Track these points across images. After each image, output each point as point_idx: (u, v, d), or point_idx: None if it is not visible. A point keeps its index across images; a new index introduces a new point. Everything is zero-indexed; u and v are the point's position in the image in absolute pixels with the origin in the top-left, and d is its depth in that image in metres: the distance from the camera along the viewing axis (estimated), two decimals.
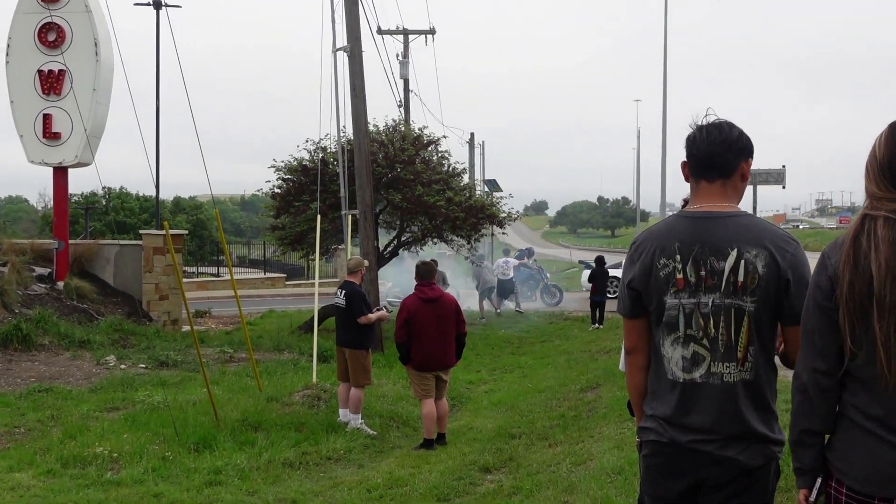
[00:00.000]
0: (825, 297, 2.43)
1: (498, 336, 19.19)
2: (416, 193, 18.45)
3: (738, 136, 2.88)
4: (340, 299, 9.84)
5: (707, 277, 2.81)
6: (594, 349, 15.70)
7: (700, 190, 2.91)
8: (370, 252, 15.70)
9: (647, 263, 2.89)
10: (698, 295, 2.81)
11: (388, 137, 19.48)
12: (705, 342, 2.81)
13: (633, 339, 2.98)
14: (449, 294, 8.97)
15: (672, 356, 2.86)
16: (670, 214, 3.03)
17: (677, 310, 2.84)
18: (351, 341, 9.75)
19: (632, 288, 2.93)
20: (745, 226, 2.82)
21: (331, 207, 18.22)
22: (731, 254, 2.79)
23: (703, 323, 2.81)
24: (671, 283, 2.84)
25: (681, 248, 2.84)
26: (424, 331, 8.59)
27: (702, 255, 2.81)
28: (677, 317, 2.84)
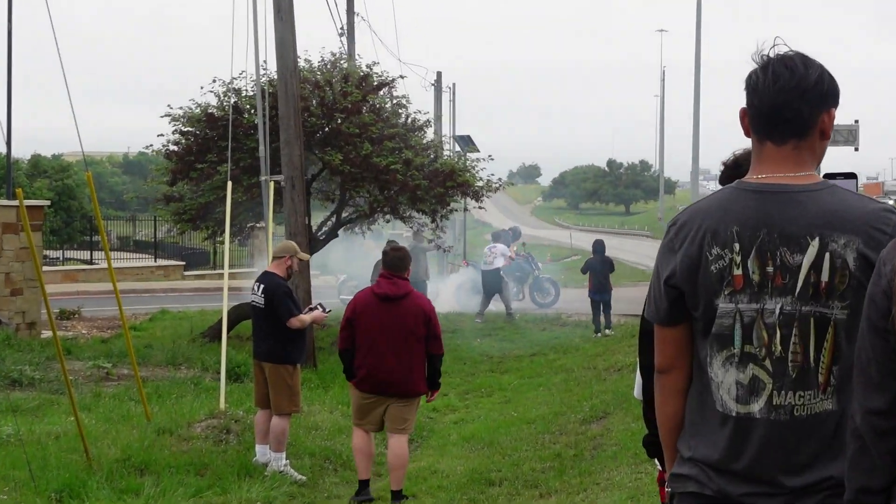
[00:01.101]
0: (881, 315, 2.44)
1: (472, 348, 19.28)
2: (362, 153, 18.42)
3: (819, 77, 2.85)
4: (258, 296, 9.81)
5: (776, 275, 2.80)
6: (601, 365, 15.81)
7: (765, 153, 2.89)
8: (299, 232, 15.68)
9: (693, 253, 2.87)
10: (763, 299, 2.81)
11: (325, 77, 19.42)
12: (768, 363, 2.81)
13: (670, 353, 2.99)
14: (420, 296, 8.94)
15: (723, 380, 2.87)
16: (723, 188, 3.00)
17: (733, 318, 2.84)
18: (273, 353, 9.74)
19: (671, 286, 2.92)
20: (830, 203, 2.80)
21: (246, 171, 18.17)
22: (811, 244, 2.78)
23: (768, 337, 2.80)
24: (726, 281, 2.84)
25: (740, 233, 2.83)
26: (373, 338, 8.59)
27: (770, 244, 2.81)
28: (732, 327, 2.84)
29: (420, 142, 20.51)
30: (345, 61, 20.92)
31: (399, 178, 18.70)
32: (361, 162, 18.51)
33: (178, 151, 19.32)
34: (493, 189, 21.99)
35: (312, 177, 19.60)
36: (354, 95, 18.79)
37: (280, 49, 15.75)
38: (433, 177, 19.71)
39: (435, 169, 19.93)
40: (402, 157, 18.95)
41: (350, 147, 18.54)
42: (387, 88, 20.63)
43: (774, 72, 2.83)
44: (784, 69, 2.82)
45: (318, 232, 20.32)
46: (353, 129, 18.61)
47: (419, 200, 19.73)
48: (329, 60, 20.47)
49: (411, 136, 20.27)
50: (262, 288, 9.80)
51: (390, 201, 19.60)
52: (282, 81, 15.80)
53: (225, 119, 17.70)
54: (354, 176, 18.75)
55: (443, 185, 19.83)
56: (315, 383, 14.52)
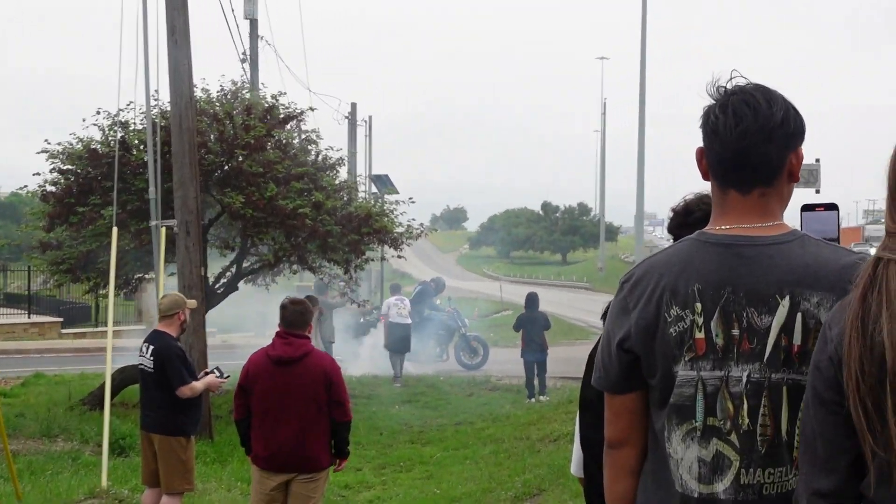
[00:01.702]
0: (828, 385, 2.46)
1: (389, 416, 19.22)
2: (266, 195, 18.33)
3: (784, 115, 2.85)
4: (147, 359, 9.77)
5: (743, 339, 2.79)
6: (535, 435, 15.84)
7: (728, 202, 2.89)
8: (194, 284, 15.55)
9: (649, 314, 2.87)
10: (727, 365, 2.80)
11: (224, 109, 19.35)
12: (734, 438, 2.79)
13: (622, 426, 2.98)
14: (322, 355, 8.83)
15: (683, 457, 2.85)
16: (683, 240, 2.99)
17: (694, 387, 2.83)
18: (163, 424, 9.69)
19: (625, 350, 2.91)
20: (802, 256, 2.79)
21: (134, 215, 18.02)
22: (780, 303, 2.77)
23: (734, 408, 2.79)
24: (686, 345, 2.83)
25: (702, 292, 2.82)
26: (269, 406, 8.48)
27: (735, 304, 2.80)
28: (693, 397, 2.83)
29: (332, 182, 20.49)
30: (247, 91, 20.92)
31: (308, 222, 18.61)
32: (265, 205, 18.39)
33: (56, 193, 19.03)
34: (414, 236, 22.01)
35: (210, 221, 19.45)
36: (258, 130, 18.72)
37: (174, 76, 15.65)
38: (346, 222, 19.69)
39: (348, 213, 19.91)
40: (312, 199, 18.88)
41: (253, 188, 18.43)
42: (295, 122, 20.60)
43: (736, 112, 2.83)
44: (746, 109, 2.83)
45: (216, 284, 20.14)
46: (257, 167, 18.52)
47: (330, 248, 19.66)
48: (229, 90, 20.42)
49: (322, 175, 20.25)
50: (152, 349, 9.74)
51: (298, 249, 19.51)
52: (175, 113, 15.71)
53: (111, 156, 17.55)
54: (257, 220, 18.61)
55: (357, 231, 19.81)
56: (211, 457, 14.40)
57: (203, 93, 19.58)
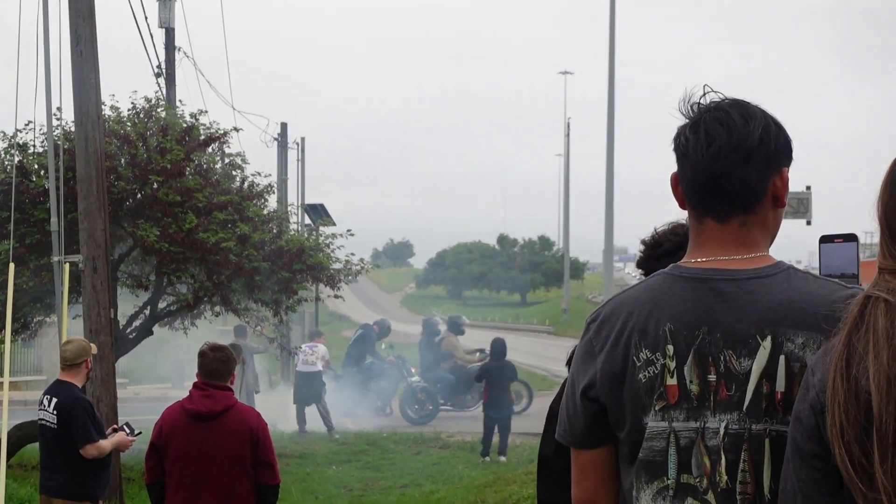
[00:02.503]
0: (807, 436, 2.49)
1: (325, 477, 19.18)
2: (184, 227, 18.25)
3: (763, 132, 2.84)
4: (49, 413, 9.72)
5: (720, 386, 2.78)
6: (491, 500, 15.84)
7: (705, 233, 2.90)
8: (102, 329, 15.39)
9: (617, 358, 2.86)
10: (703, 416, 2.80)
11: (137, 129, 19.27)
12: (711, 497, 2.78)
13: (589, 485, 2.98)
14: (246, 409, 8.76)
15: None
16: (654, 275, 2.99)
17: (665, 440, 2.82)
18: (67, 488, 9.66)
19: (590, 399, 2.91)
20: (786, 292, 2.78)
21: (33, 250, 17.89)
22: (761, 345, 2.76)
23: (710, 464, 2.78)
24: (657, 393, 2.83)
25: (675, 333, 2.82)
26: (185, 469, 8.38)
27: (711, 346, 2.79)
28: (665, 452, 2.82)
29: (260, 212, 20.40)
30: (163, 109, 20.78)
31: (232, 258, 18.54)
32: (184, 238, 18.32)
33: None
34: (354, 273, 21.99)
35: (120, 257, 19.32)
36: (175, 153, 18.67)
37: (78, 92, 15.49)
38: (276, 257, 19.65)
39: (279, 247, 19.88)
40: (237, 231, 18.86)
41: (169, 219, 18.36)
42: (217, 144, 20.51)
43: (708, 132, 2.82)
44: (718, 127, 2.82)
45: (128, 328, 19.97)
46: (174, 195, 18.45)
47: (258, 287, 19.59)
48: (143, 108, 20.27)
49: (248, 205, 20.14)
50: (55, 402, 9.69)
51: (220, 288, 19.37)
52: (81, 134, 15.54)
53: (6, 182, 17.49)
54: (174, 256, 18.53)
55: (289, 267, 19.78)
56: None
57: (112, 111, 19.46)
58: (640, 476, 2.84)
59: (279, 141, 42.27)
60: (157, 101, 21.16)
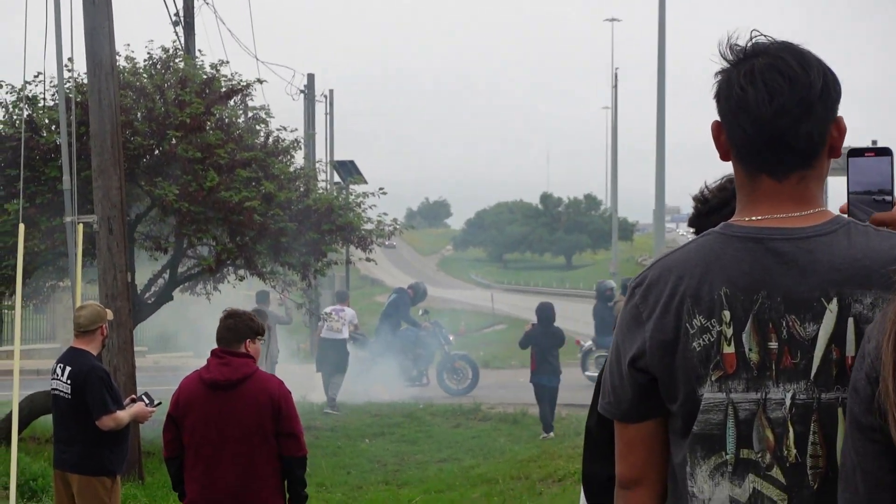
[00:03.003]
0: (864, 408, 2.51)
1: (358, 451, 19.25)
2: (205, 185, 18.33)
3: (824, 82, 2.83)
4: (63, 383, 9.75)
5: (783, 353, 2.78)
6: (535, 475, 15.92)
7: (760, 190, 2.89)
8: (118, 294, 15.51)
9: (668, 325, 2.86)
10: (765, 386, 2.79)
11: (154, 81, 19.29)
12: (777, 473, 2.78)
13: (636, 461, 2.99)
14: (267, 377, 8.79)
15: (711, 498, 2.84)
16: (703, 235, 2.98)
17: (723, 412, 2.82)
18: (82, 462, 9.72)
19: (639, 369, 2.92)
20: (848, 249, 2.78)
21: (45, 210, 17.98)
22: (827, 308, 2.76)
23: (775, 438, 2.78)
24: (713, 362, 2.82)
25: (731, 297, 2.81)
26: (203, 441, 8.44)
27: (772, 311, 2.79)
28: (723, 425, 2.82)
29: (286, 170, 20.52)
30: (181, 60, 20.82)
31: (257, 218, 18.63)
32: (205, 197, 18.42)
33: None
34: (387, 234, 22.09)
35: (137, 217, 19.40)
36: (194, 106, 18.73)
37: (91, 41, 15.60)
38: (304, 217, 19.77)
39: (306, 207, 19.99)
40: (261, 190, 18.94)
41: (189, 177, 18.44)
42: (239, 97, 20.68)
43: (767, 84, 2.82)
44: (779, 78, 2.81)
45: (146, 293, 20.06)
46: (194, 152, 18.52)
47: (284, 250, 19.74)
48: (160, 59, 20.36)
49: (274, 161, 20.27)
50: (69, 372, 9.73)
51: (244, 251, 19.48)
52: (94, 87, 15.65)
53: (15, 139, 17.51)
54: (195, 216, 18.62)
55: (317, 228, 19.90)
56: (142, 502, 14.33)
57: (128, 62, 19.49)
58: (696, 451, 2.85)
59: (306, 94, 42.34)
60: (174, 51, 21.27)
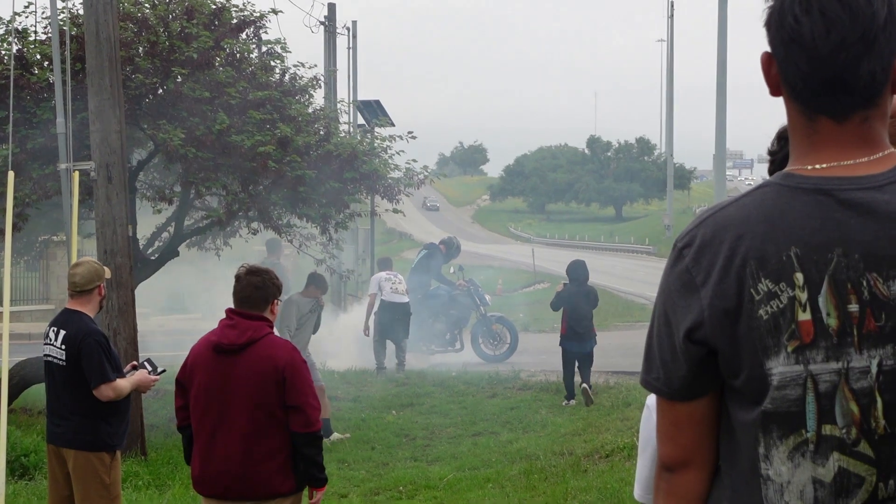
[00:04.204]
0: None
1: (383, 424, 19.30)
2: (215, 129, 18.28)
3: (888, 10, 2.76)
4: (57, 348, 9.79)
5: (866, 316, 2.74)
6: (580, 450, 15.87)
7: (820, 133, 2.84)
8: (119, 249, 15.50)
9: (728, 290, 2.83)
10: (846, 353, 2.75)
11: (157, 11, 19.28)
12: (866, 447, 2.75)
13: (686, 442, 2.99)
14: (275, 342, 8.60)
15: (790, 480, 2.81)
16: (761, 185, 2.93)
17: (802, 386, 2.78)
18: (79, 436, 9.74)
19: (696, 342, 2.89)
20: None
21: (37, 156, 18.05)
22: None
23: (860, 410, 2.75)
24: (787, 332, 2.79)
25: (803, 257, 2.77)
26: (206, 411, 8.42)
27: (850, 270, 2.75)
28: (802, 400, 2.78)
29: (304, 111, 20.44)
30: None
31: (271, 165, 18.56)
32: (214, 142, 18.37)
33: None
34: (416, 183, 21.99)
35: (139, 164, 19.39)
36: (202, 40, 18.69)
37: None
38: (324, 164, 19.70)
39: (327, 152, 19.93)
40: (277, 134, 18.87)
41: (196, 119, 18.39)
42: (252, 29, 20.57)
43: (825, 14, 2.73)
44: (839, 8, 2.73)
45: (149, 249, 20.11)
46: (201, 91, 18.50)
47: (302, 200, 19.66)
48: None
49: (290, 101, 20.22)
50: (63, 336, 9.74)
51: (258, 201, 19.46)
52: (90, 18, 15.43)
53: (4, 77, 17.50)
54: (203, 163, 18.58)
55: (339, 176, 19.82)
56: (144, 480, 14.33)
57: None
58: (770, 431, 2.79)
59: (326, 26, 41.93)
60: None
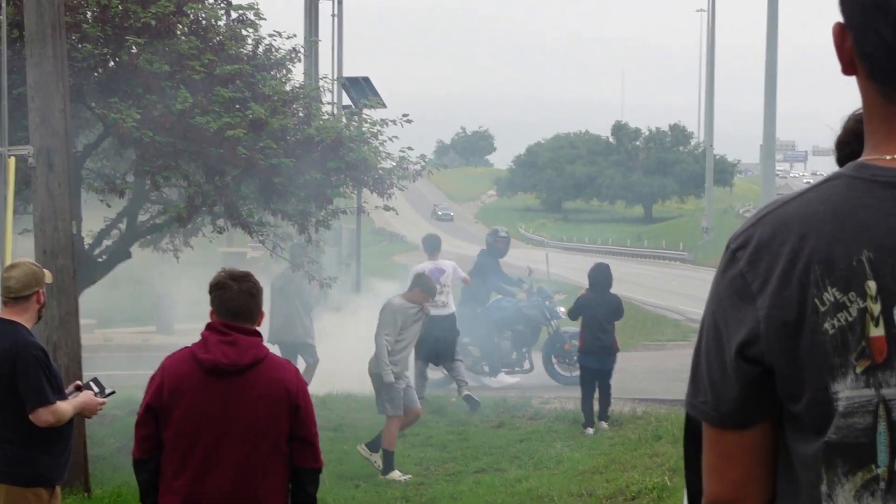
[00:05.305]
0: None
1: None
2: (175, 108, 18.34)
3: None
4: None
5: None
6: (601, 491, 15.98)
7: None
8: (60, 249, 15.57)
9: (789, 300, 2.83)
10: None
11: None
12: None
13: (737, 476, 2.98)
14: (280, 362, 8.82)
15: None
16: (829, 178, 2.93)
17: (873, 413, 2.79)
18: (11, 468, 9.81)
19: (749, 359, 2.88)
20: None
21: None
22: None
23: None
24: (856, 349, 2.79)
25: (877, 262, 2.78)
26: (199, 441, 8.47)
27: None
28: (872, 430, 2.79)
29: (280, 89, 20.60)
30: None
31: (241, 152, 18.69)
32: (174, 123, 18.48)
33: None
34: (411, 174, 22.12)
35: (86, 149, 19.53)
36: (162, 4, 18.84)
37: None
38: (303, 151, 19.87)
39: (307, 137, 20.12)
40: (248, 115, 19.03)
41: (154, 97, 18.50)
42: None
43: None
44: None
45: (96, 249, 20.16)
46: (160, 64, 18.57)
47: (277, 194, 19.81)
48: None
49: (265, 77, 20.38)
50: None
51: (225, 194, 19.57)
52: None
53: None
54: (161, 149, 18.67)
55: (320, 166, 19.97)
56: None
57: None
58: (835, 465, 2.82)
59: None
60: None
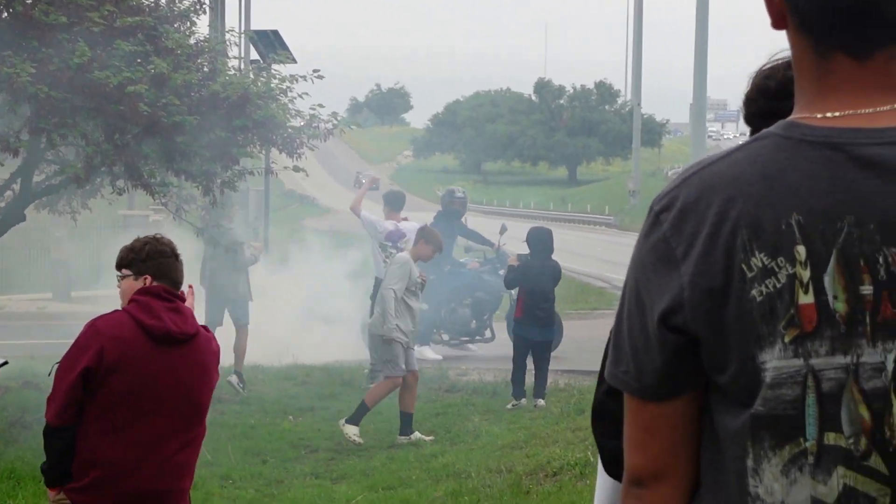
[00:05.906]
0: None
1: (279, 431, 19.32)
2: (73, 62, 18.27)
3: None
4: None
5: (882, 301, 2.71)
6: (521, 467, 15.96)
7: (834, 73, 2.79)
8: None
9: (714, 266, 2.79)
10: (857, 346, 2.72)
11: None
12: (876, 462, 2.73)
13: (659, 450, 2.95)
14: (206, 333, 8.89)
15: (786, 500, 2.78)
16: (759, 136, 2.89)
17: (801, 384, 2.75)
18: None
19: (673, 328, 2.84)
20: None
21: None
22: None
23: (872, 415, 2.72)
24: (784, 317, 2.76)
25: (807, 226, 2.74)
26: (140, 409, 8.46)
27: (864, 243, 2.72)
28: (800, 401, 2.76)
29: (184, 42, 20.44)
30: None
31: (143, 109, 18.56)
32: (72, 79, 18.39)
33: None
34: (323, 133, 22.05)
35: None
36: None
37: None
38: (208, 108, 19.79)
39: (212, 94, 20.00)
40: (151, 70, 18.94)
41: (50, 51, 18.42)
42: None
43: None
44: None
45: None
46: (56, 15, 18.47)
47: (180, 153, 19.70)
48: None
49: (168, 30, 20.20)
50: None
51: (125, 153, 19.43)
52: None
53: None
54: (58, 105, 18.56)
55: (226, 124, 19.87)
56: None
57: None
58: (761, 440, 2.77)
59: None
60: None
